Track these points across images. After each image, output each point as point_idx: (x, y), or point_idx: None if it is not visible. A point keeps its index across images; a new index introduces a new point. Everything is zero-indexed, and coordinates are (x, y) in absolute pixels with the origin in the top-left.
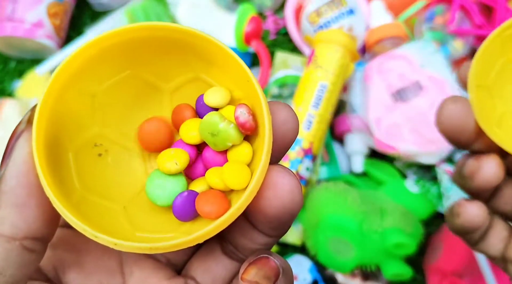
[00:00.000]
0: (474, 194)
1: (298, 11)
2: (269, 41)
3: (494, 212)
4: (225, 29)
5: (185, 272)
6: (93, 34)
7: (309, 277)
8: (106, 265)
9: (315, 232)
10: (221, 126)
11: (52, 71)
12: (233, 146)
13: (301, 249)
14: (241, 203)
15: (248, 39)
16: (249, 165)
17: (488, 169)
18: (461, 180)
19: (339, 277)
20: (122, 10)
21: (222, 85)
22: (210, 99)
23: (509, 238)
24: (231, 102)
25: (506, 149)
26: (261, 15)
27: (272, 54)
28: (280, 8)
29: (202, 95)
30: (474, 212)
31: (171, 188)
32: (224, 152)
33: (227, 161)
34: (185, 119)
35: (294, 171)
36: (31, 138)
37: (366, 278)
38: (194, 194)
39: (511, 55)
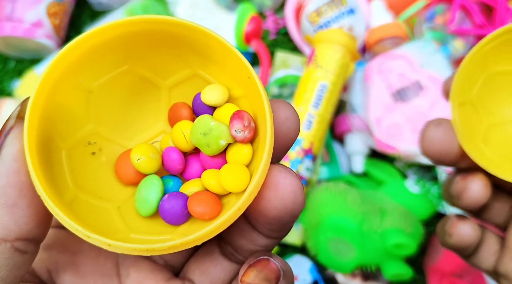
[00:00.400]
0: (464, 210)
1: (298, 10)
2: (269, 41)
3: (486, 223)
4: (225, 29)
5: (183, 274)
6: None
7: (309, 278)
8: (101, 266)
9: (316, 233)
10: (212, 124)
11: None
12: (230, 145)
13: (301, 250)
14: (241, 204)
15: (248, 38)
16: (249, 165)
17: (475, 189)
18: (449, 198)
19: (340, 277)
20: (122, 10)
21: (221, 82)
22: (208, 97)
23: (501, 251)
24: (230, 100)
25: (490, 171)
26: (261, 14)
27: (272, 54)
28: (280, 7)
29: (199, 94)
30: (466, 232)
31: (147, 197)
32: (222, 153)
33: (225, 161)
34: (181, 118)
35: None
36: (21, 135)
37: (367, 279)
38: (176, 197)
39: (493, 69)
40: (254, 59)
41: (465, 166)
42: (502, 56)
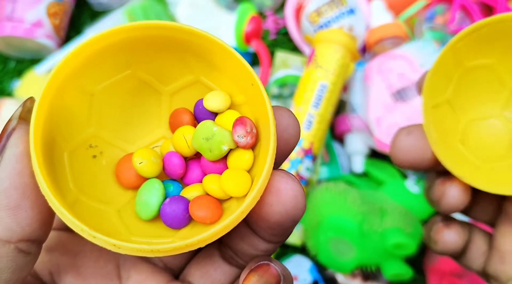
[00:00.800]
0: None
1: (298, 10)
2: (269, 41)
3: (472, 220)
4: (225, 29)
5: (183, 277)
6: (93, 34)
7: (309, 278)
8: (103, 269)
9: (316, 233)
10: (215, 129)
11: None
12: (231, 151)
13: (301, 250)
14: (244, 207)
15: (248, 38)
16: (249, 171)
17: (453, 195)
18: (431, 202)
19: (340, 277)
20: (122, 10)
21: (222, 89)
22: (210, 103)
23: (489, 252)
24: (232, 106)
25: (464, 180)
26: (261, 14)
27: (272, 54)
28: (280, 7)
29: (201, 100)
30: (451, 240)
31: (148, 200)
32: (223, 159)
33: (226, 167)
34: (183, 123)
35: (294, 171)
36: (24, 136)
37: (367, 279)
38: (177, 201)
39: (467, 65)
40: (254, 59)
41: (442, 170)
42: (475, 50)
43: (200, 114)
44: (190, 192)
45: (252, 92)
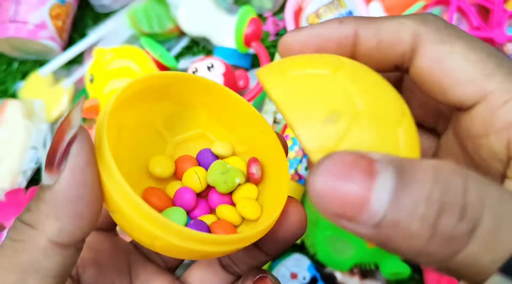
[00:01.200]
0: None
1: (298, 12)
2: (269, 43)
3: None
4: (226, 31)
5: (184, 278)
6: (95, 35)
7: (308, 275)
8: (117, 265)
9: (314, 231)
10: (229, 166)
11: (54, 72)
12: (238, 187)
13: (300, 248)
14: (272, 220)
15: (248, 40)
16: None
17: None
18: None
19: (338, 275)
20: (124, 12)
21: (225, 141)
22: (218, 149)
23: None
24: (233, 154)
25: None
26: (261, 17)
27: (272, 56)
28: (279, 10)
29: (205, 149)
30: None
31: (176, 220)
32: (229, 195)
33: (232, 201)
34: (188, 167)
35: (293, 170)
36: (85, 146)
37: (365, 276)
38: (200, 222)
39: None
40: (254, 61)
41: None
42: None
43: (205, 160)
44: (206, 220)
45: (261, 139)
